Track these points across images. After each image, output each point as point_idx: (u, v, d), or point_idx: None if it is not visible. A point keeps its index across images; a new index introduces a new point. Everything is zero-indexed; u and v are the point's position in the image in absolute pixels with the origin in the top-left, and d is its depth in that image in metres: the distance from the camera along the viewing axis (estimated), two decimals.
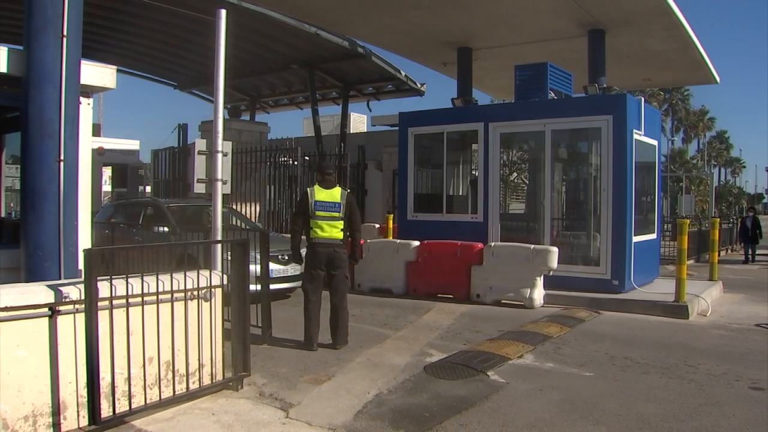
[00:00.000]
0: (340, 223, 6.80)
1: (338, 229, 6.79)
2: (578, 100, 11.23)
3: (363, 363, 6.24)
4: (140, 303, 4.43)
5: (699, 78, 17.89)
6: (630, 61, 15.63)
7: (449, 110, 12.01)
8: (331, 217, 6.78)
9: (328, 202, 6.78)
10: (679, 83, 33.76)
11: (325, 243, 6.78)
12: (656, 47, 14.58)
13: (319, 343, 6.77)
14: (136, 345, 4.39)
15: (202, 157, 6.30)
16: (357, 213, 6.99)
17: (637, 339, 7.44)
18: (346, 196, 6.89)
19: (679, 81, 24.68)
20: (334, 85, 17.10)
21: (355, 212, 6.95)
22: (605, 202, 9.80)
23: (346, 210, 6.82)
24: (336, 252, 6.80)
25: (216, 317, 5.07)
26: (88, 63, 5.48)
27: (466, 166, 12.96)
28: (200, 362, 4.92)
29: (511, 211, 13.98)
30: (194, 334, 4.86)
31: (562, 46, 14.30)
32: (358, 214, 7.00)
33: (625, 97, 9.90)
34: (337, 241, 6.79)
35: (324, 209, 6.78)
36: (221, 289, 5.14)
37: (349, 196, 6.94)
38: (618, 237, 9.67)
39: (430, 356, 6.50)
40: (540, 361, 6.37)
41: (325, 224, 6.77)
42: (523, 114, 10.77)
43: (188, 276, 4.82)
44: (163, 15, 12.37)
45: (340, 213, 6.79)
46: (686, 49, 14.74)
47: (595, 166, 10.35)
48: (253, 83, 17.77)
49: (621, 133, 9.67)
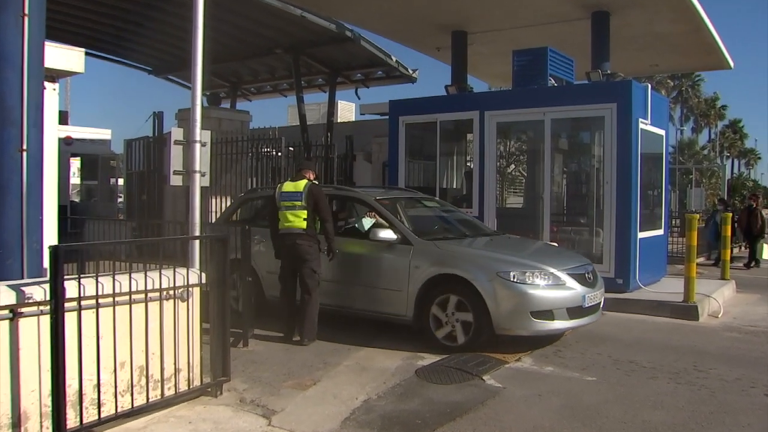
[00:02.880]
0: (303, 212, 7.11)
1: (301, 218, 7.10)
2: (580, 87, 11.26)
3: (351, 367, 6.24)
4: (111, 303, 4.39)
5: (711, 63, 17.81)
6: (636, 45, 15.63)
7: (442, 98, 12.00)
8: (293, 206, 7.14)
9: (291, 192, 7.21)
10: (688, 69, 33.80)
11: (286, 233, 7.16)
12: (664, 30, 14.56)
13: (295, 339, 7.14)
14: (106, 349, 4.35)
15: (178, 148, 6.36)
16: (323, 203, 7.24)
17: (643, 341, 7.47)
18: (309, 186, 7.21)
19: (689, 66, 24.66)
20: (321, 71, 16.99)
21: (321, 202, 7.21)
22: (608, 195, 9.83)
23: (309, 199, 7.10)
24: (298, 244, 7.05)
25: (193, 318, 5.05)
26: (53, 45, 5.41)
27: (461, 158, 12.97)
28: (176, 367, 4.89)
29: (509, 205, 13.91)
30: (170, 337, 4.83)
31: (563, 29, 14.28)
32: (324, 205, 7.25)
33: (630, 83, 9.91)
34: (299, 231, 7.09)
35: (287, 199, 7.21)
36: (199, 289, 5.12)
37: (312, 186, 7.25)
38: (622, 233, 9.70)
39: (422, 359, 6.50)
40: (539, 365, 6.38)
41: (289, 213, 7.16)
42: (521, 102, 10.77)
43: (164, 274, 4.79)
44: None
45: (302, 201, 7.11)
46: (697, 32, 14.70)
47: (597, 157, 10.38)
48: (233, 69, 17.62)
49: (626, 122, 9.69)
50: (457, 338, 6.79)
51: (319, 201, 7.19)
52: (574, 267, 7.21)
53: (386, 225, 7.54)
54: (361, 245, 7.61)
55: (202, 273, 5.23)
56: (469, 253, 7.37)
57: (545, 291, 6.71)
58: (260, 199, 9.52)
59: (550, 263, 7.03)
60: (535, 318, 6.60)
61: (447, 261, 7.06)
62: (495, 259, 7.02)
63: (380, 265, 7.44)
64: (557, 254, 7.92)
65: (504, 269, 6.73)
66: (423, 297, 7.03)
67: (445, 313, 6.88)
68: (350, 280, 7.64)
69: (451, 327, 6.85)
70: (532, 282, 6.68)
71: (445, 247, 7.32)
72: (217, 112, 14.31)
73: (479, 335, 6.68)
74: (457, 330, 6.80)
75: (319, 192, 7.28)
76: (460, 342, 6.77)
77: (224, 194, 12.86)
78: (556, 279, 6.82)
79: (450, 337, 6.86)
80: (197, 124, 6.23)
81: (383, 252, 7.41)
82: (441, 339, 6.88)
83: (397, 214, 7.85)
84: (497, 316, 6.60)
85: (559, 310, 6.73)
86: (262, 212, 9.19)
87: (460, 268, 6.90)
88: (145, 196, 14.09)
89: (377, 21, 14.85)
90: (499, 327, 6.64)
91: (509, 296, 6.61)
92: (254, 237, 7.78)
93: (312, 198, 7.15)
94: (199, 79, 6.20)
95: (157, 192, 13.90)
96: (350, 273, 7.67)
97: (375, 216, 7.66)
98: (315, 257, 7.14)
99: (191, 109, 6.23)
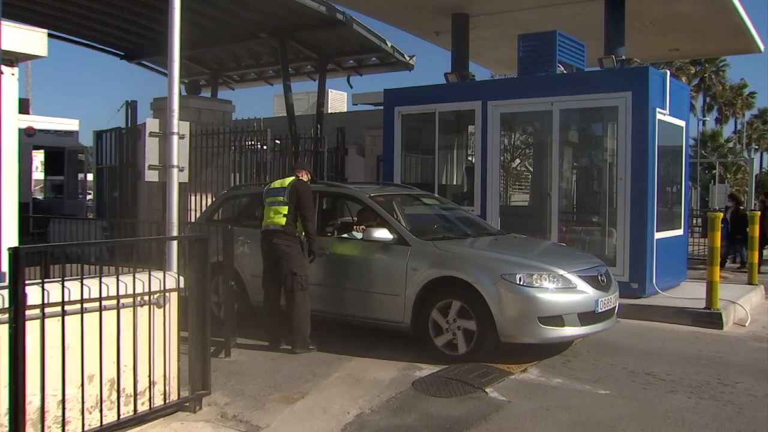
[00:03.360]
0: (284, 208, 7.22)
1: (281, 214, 7.22)
2: (592, 74, 11.25)
3: (342, 378, 6.24)
4: (79, 311, 4.35)
5: (738, 46, 17.68)
6: (654, 28, 15.57)
7: (442, 87, 12.00)
8: (275, 202, 7.30)
9: (277, 188, 7.42)
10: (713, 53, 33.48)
11: (265, 230, 7.30)
12: (686, 10, 14.44)
13: (282, 347, 7.23)
14: (73, 361, 4.31)
15: (154, 140, 6.37)
16: (306, 200, 7.28)
17: (661, 352, 7.47)
18: (294, 181, 7.35)
19: (713, 51, 24.36)
20: (310, 57, 16.94)
21: (304, 198, 7.24)
22: (622, 192, 9.82)
23: (292, 195, 7.18)
24: (275, 243, 7.14)
25: (170, 326, 5.02)
26: (10, 24, 5.31)
27: (462, 152, 12.96)
28: (151, 379, 4.87)
29: (513, 203, 13.96)
30: (144, 347, 4.81)
31: (573, 11, 14.24)
32: (307, 201, 7.29)
33: (647, 70, 9.89)
34: (278, 227, 7.19)
35: (271, 195, 7.41)
36: (177, 294, 5.10)
37: (297, 181, 7.37)
38: (637, 233, 9.70)
39: (419, 370, 6.50)
40: (547, 376, 6.37)
41: (271, 210, 7.33)
42: (527, 91, 10.78)
43: (138, 278, 4.77)
44: None
45: (284, 197, 7.24)
46: (723, 12, 14.58)
47: (610, 151, 10.37)
48: (214, 54, 17.55)
49: (642, 112, 9.68)
50: (458, 347, 6.78)
51: (302, 196, 7.23)
52: (586, 268, 7.20)
53: (378, 224, 7.55)
54: (354, 246, 7.65)
55: (180, 277, 5.21)
56: (471, 253, 7.37)
57: (554, 295, 6.68)
58: (244, 197, 9.52)
59: (559, 264, 7.03)
60: (543, 324, 6.58)
61: (447, 262, 7.05)
62: (499, 260, 7.01)
63: (375, 268, 7.44)
64: (567, 255, 7.92)
65: (509, 271, 6.72)
66: (421, 302, 7.02)
67: (445, 319, 6.86)
68: (342, 283, 7.64)
69: (451, 335, 6.84)
70: (540, 285, 6.67)
71: (445, 248, 7.30)
72: (196, 102, 14.21)
73: (482, 343, 6.67)
74: (459, 338, 6.79)
75: (303, 187, 7.32)
76: (462, 351, 6.75)
77: (204, 191, 12.82)
78: (566, 281, 6.80)
79: (450, 345, 6.85)
80: (175, 115, 6.23)
81: (378, 253, 7.41)
82: (441, 348, 6.87)
83: (393, 212, 7.84)
84: (502, 322, 6.58)
85: (569, 316, 6.71)
86: (246, 211, 9.18)
87: (462, 270, 6.89)
88: (117, 192, 14.02)
89: (371, 3, 14.80)
90: (504, 334, 6.63)
91: (515, 300, 6.60)
92: (238, 237, 7.78)
93: (295, 193, 7.21)
94: (177, 65, 6.17)
95: (131, 188, 13.83)
96: (342, 276, 7.67)
97: (363, 230, 7.68)
98: (295, 257, 7.16)
99: (168, 98, 6.22)
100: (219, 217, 9.38)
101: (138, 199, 13.81)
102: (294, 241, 7.19)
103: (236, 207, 9.57)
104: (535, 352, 6.96)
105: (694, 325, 8.76)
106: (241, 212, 9.32)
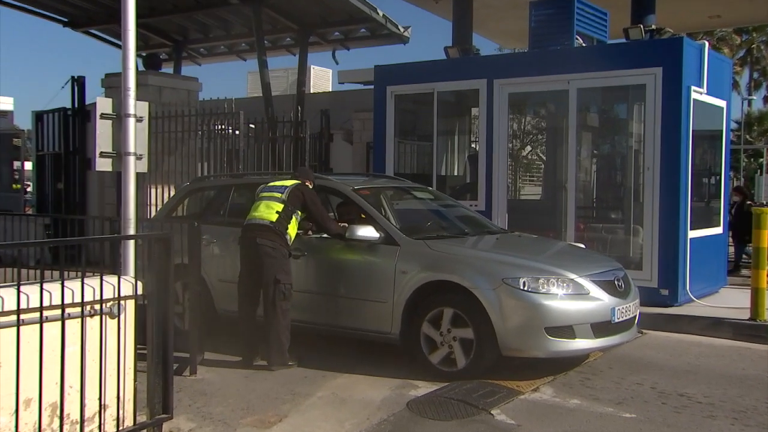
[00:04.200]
0: (278, 204, 7.29)
1: (273, 210, 7.26)
2: (615, 47, 11.22)
3: (326, 398, 6.26)
4: (15, 323, 4.27)
5: None
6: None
7: (442, 63, 12.00)
8: (271, 197, 7.38)
9: (277, 186, 7.52)
10: (762, 20, 33.31)
11: (249, 225, 7.30)
12: None
13: (257, 363, 7.26)
14: (6, 382, 4.23)
15: (106, 123, 6.29)
16: (314, 202, 7.44)
17: (697, 369, 7.45)
18: (298, 184, 7.50)
19: (762, 17, 24.19)
20: (289, 27, 16.88)
21: (311, 202, 7.40)
22: (650, 184, 9.81)
23: (293, 198, 7.33)
24: (258, 243, 7.12)
25: (126, 340, 4.96)
26: None
27: (464, 138, 13.02)
28: (102, 402, 4.79)
29: (523, 197, 13.99)
30: (94, 364, 4.73)
31: None
32: (315, 204, 7.45)
33: (682, 42, 9.85)
34: (265, 223, 7.20)
35: (268, 191, 7.49)
36: (134, 302, 5.05)
37: (302, 185, 7.53)
38: (668, 231, 9.69)
39: (415, 388, 6.52)
40: (562, 396, 6.37)
41: (262, 204, 7.38)
42: (540, 67, 10.75)
43: (87, 284, 4.68)
44: None
45: (282, 194, 7.34)
46: None
47: (637, 136, 10.39)
48: (178, 23, 17.46)
49: (674, 91, 9.65)
50: (456, 361, 6.82)
51: (308, 200, 7.39)
52: (600, 272, 7.24)
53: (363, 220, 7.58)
54: (336, 247, 7.63)
55: (138, 282, 5.16)
56: (469, 254, 7.42)
57: (563, 302, 6.70)
58: (212, 189, 9.49)
59: (568, 267, 7.06)
60: (551, 336, 6.59)
61: (441, 265, 7.08)
62: (501, 263, 7.06)
63: (359, 271, 7.48)
64: (578, 257, 7.97)
65: (512, 275, 6.74)
66: (412, 310, 7.05)
67: (439, 331, 6.89)
68: (322, 289, 7.67)
69: (447, 348, 6.86)
70: (547, 290, 6.68)
71: (439, 248, 7.31)
72: (156, 79, 14.14)
73: (482, 357, 6.70)
74: (456, 350, 6.81)
75: (308, 191, 7.50)
76: (461, 366, 6.78)
77: (167, 183, 12.79)
78: (578, 287, 6.83)
79: (447, 360, 6.86)
80: (131, 93, 6.14)
81: (363, 254, 7.44)
82: (437, 364, 6.89)
83: (381, 207, 7.87)
84: (504, 333, 6.60)
85: (581, 326, 6.72)
86: (212, 206, 9.15)
87: (458, 273, 6.91)
88: (62, 184, 13.94)
89: None
90: (507, 347, 6.65)
91: (518, 308, 6.63)
92: (203, 236, 7.74)
93: (299, 197, 7.35)
94: (132, 35, 6.12)
95: (79, 180, 13.78)
96: (322, 281, 7.71)
97: (345, 227, 7.63)
98: (280, 262, 7.16)
99: (122, 74, 6.14)
100: (183, 212, 9.33)
101: (87, 192, 13.78)
102: (281, 244, 7.19)
103: (201, 201, 9.53)
104: (547, 368, 6.95)
105: (736, 339, 8.72)
106: (206, 207, 9.29)
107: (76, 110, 13.68)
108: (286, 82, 25.33)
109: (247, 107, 14.40)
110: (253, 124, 13.90)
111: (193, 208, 9.56)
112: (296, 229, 7.42)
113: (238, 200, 8.87)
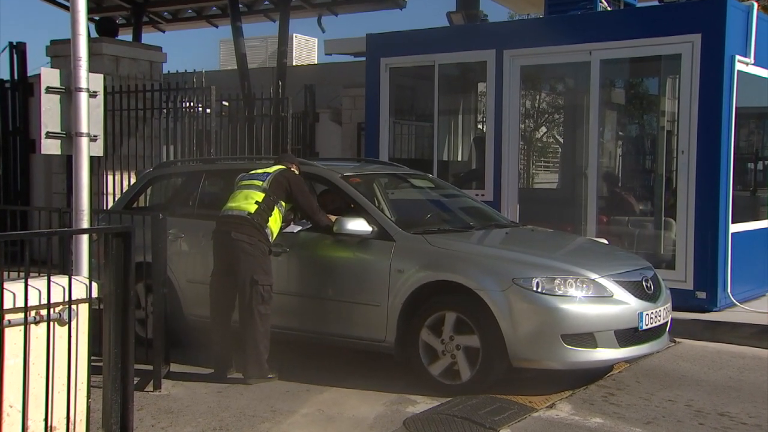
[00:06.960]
0: (259, 194, 7.30)
1: (253, 200, 7.27)
2: (646, 11, 11.24)
3: (311, 415, 6.32)
4: None
5: None
6: None
7: (444, 31, 12.06)
8: (251, 186, 7.41)
9: (258, 173, 7.58)
10: None
11: (224, 217, 7.34)
12: None
13: (231, 376, 7.29)
14: None
15: (53, 98, 6.28)
16: (300, 189, 7.49)
17: (740, 385, 7.43)
18: (282, 170, 7.58)
19: None
20: None
21: (298, 191, 7.45)
22: (684, 170, 9.77)
23: (277, 185, 7.37)
24: (234, 237, 7.13)
25: (77, 350, 4.95)
26: None
27: (469, 118, 13.06)
28: (48, 424, 4.76)
29: (537, 185, 13.97)
30: (40, 379, 4.70)
31: None
32: (302, 189, 7.55)
33: (725, 3, 9.74)
34: (242, 214, 7.23)
35: (248, 179, 7.53)
36: (88, 306, 5.05)
37: (287, 170, 7.60)
38: (705, 225, 9.66)
39: (412, 404, 6.57)
40: (582, 414, 6.37)
41: (240, 193, 7.40)
42: (557, 36, 10.67)
43: (31, 285, 4.65)
44: None
45: (263, 183, 7.36)
46: None
47: (669, 115, 10.40)
48: None
49: (715, 62, 9.57)
50: (460, 373, 6.87)
51: (294, 188, 7.43)
52: (626, 272, 7.27)
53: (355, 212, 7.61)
54: (322, 242, 7.67)
55: (93, 283, 5.17)
56: (475, 251, 7.49)
57: (583, 305, 6.72)
58: (180, 176, 9.52)
59: (589, 266, 7.09)
60: (568, 345, 6.60)
61: (443, 262, 7.13)
62: (510, 260, 7.10)
63: (349, 270, 7.54)
64: (601, 254, 8.01)
65: (523, 274, 6.76)
66: (409, 314, 7.08)
67: (440, 338, 6.95)
68: (306, 291, 7.72)
69: (450, 357, 6.89)
70: (564, 292, 6.70)
71: (441, 244, 7.33)
72: (112, 48, 14.06)
73: (489, 368, 6.74)
74: (459, 361, 6.87)
75: (293, 177, 7.56)
76: (465, 378, 6.83)
77: (126, 168, 12.80)
78: (599, 288, 6.83)
79: (450, 372, 6.90)
80: (82, 64, 6.11)
81: (353, 251, 7.49)
82: (437, 376, 6.94)
83: (374, 197, 7.94)
84: (514, 341, 6.63)
85: (603, 334, 6.73)
86: (179, 195, 9.14)
87: (462, 272, 6.96)
88: (1, 169, 13.87)
89: None
90: (518, 357, 6.69)
91: (531, 312, 6.66)
92: (169, 231, 7.76)
93: (283, 184, 7.39)
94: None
95: (21, 164, 13.74)
96: (306, 281, 7.75)
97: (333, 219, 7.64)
98: (258, 260, 7.16)
99: (72, 41, 6.11)
100: (147, 203, 9.32)
101: (31, 179, 13.74)
102: (260, 239, 7.20)
103: (166, 190, 9.53)
104: (565, 382, 6.98)
105: None
106: (172, 197, 9.29)
107: (16, 83, 13.61)
108: (265, 53, 25.30)
109: (220, 81, 14.40)
110: (227, 101, 13.89)
111: (157, 198, 9.62)
112: (279, 222, 7.43)
113: (209, 189, 8.90)
